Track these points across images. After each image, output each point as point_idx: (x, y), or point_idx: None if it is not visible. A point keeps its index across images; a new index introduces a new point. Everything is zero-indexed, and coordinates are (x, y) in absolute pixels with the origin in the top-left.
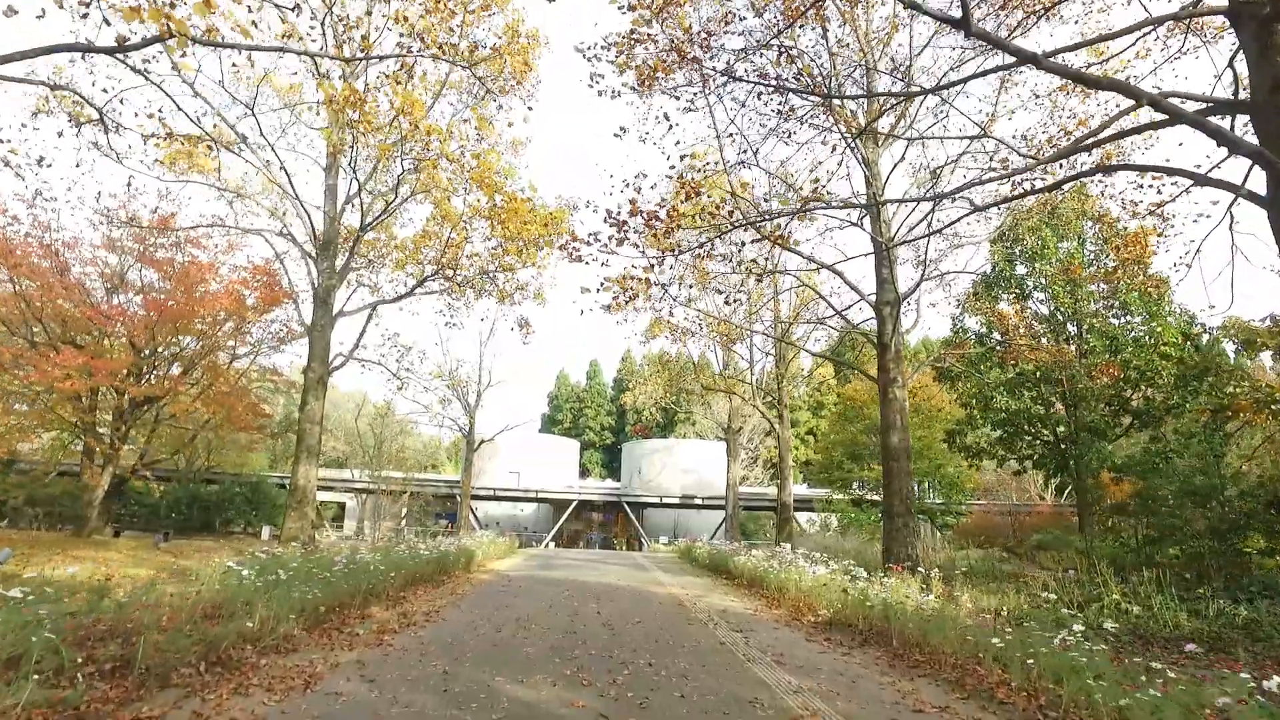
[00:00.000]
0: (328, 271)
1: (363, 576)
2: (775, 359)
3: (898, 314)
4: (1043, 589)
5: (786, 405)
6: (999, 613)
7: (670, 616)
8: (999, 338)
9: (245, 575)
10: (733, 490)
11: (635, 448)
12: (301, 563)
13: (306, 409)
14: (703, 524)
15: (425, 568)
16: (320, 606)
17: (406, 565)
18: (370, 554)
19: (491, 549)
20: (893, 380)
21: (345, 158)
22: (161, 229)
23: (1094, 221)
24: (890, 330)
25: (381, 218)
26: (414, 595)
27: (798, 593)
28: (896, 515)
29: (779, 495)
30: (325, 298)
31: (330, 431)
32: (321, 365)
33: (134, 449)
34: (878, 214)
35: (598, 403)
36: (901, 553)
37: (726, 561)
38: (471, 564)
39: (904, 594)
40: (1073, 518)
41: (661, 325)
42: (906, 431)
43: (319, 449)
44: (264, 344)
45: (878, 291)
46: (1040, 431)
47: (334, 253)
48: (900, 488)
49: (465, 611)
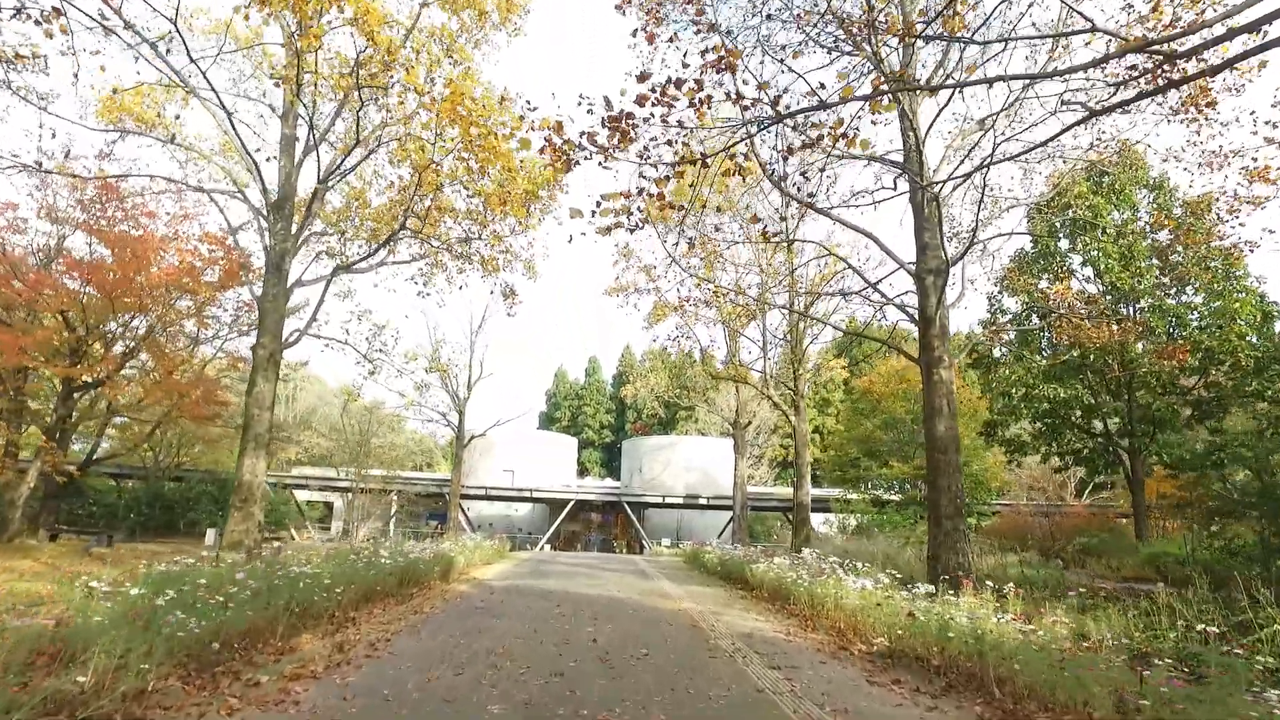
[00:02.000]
0: (281, 234)
1: (289, 595)
2: (791, 344)
3: (944, 283)
4: (1142, 610)
5: (803, 395)
6: (1133, 648)
7: (685, 645)
8: (1037, 320)
9: (106, 598)
10: (740, 489)
11: (636, 445)
12: (214, 576)
13: (255, 392)
14: (707, 525)
15: (385, 579)
16: (213, 641)
17: (359, 578)
18: (320, 564)
19: (477, 553)
20: (938, 359)
21: (302, 105)
22: (100, 186)
23: (1150, 190)
24: (935, 302)
25: (342, 170)
26: (367, 616)
27: (838, 612)
28: (945, 517)
29: (795, 495)
30: (278, 263)
31: (314, 428)
32: (273, 341)
33: (86, 443)
34: (920, 167)
35: (597, 400)
36: (952, 560)
37: (742, 569)
38: (451, 572)
39: (988, 618)
40: (1115, 519)
41: (666, 308)
42: (955, 419)
43: (268, 439)
44: (229, 327)
45: (918, 259)
46: (1089, 423)
47: (289, 213)
48: (949, 484)
49: (424, 640)
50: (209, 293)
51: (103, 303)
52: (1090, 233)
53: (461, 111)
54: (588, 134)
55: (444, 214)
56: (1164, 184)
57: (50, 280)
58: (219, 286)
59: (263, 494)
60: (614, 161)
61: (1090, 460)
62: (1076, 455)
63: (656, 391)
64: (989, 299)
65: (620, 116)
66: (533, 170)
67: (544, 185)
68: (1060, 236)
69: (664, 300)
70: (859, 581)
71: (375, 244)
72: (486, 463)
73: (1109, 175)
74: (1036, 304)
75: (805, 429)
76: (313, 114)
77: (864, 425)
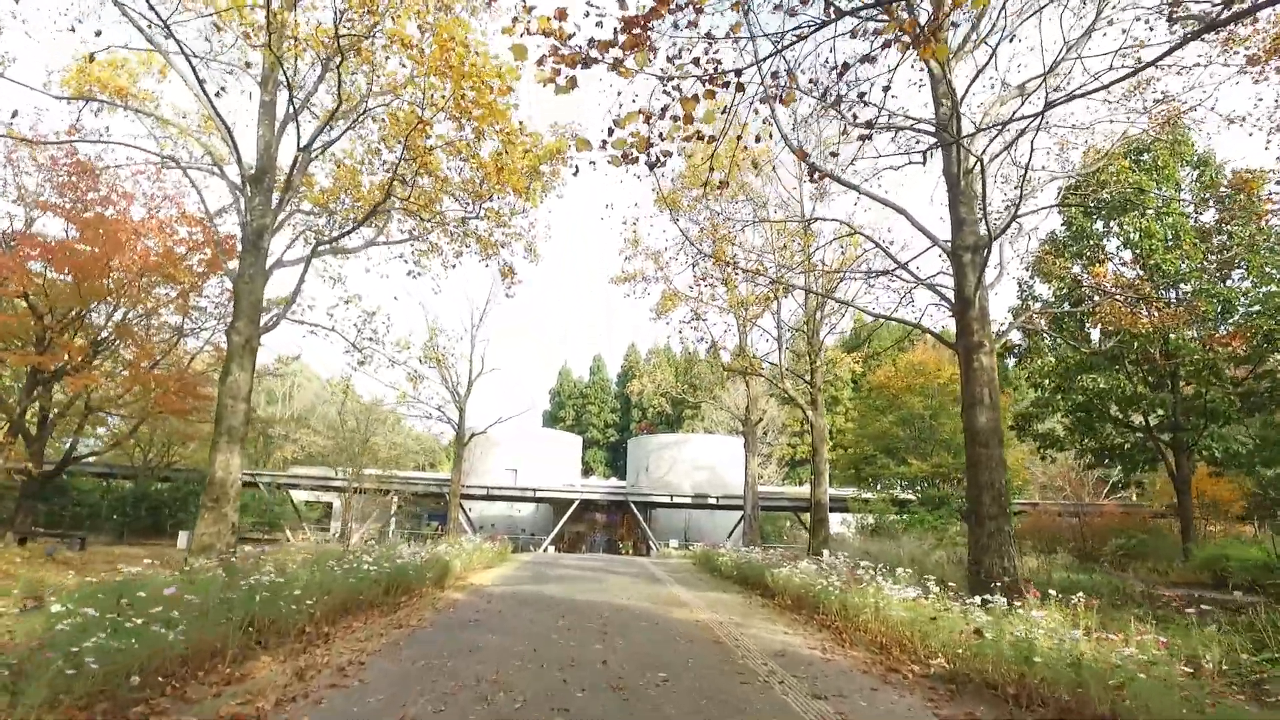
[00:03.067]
0: (260, 208)
1: (246, 610)
2: (808, 335)
3: (984, 261)
4: (1239, 625)
5: (820, 389)
6: (1247, 675)
7: (710, 667)
8: (1071, 306)
9: None
10: (751, 488)
11: (642, 443)
12: (156, 587)
13: (229, 381)
14: (716, 526)
15: (369, 588)
16: (131, 674)
17: (337, 586)
18: (296, 570)
19: (476, 556)
20: (977, 345)
21: (282, 69)
22: (72, 167)
23: (1194, 167)
24: (973, 282)
25: (327, 135)
26: (344, 631)
27: (879, 625)
28: (988, 517)
29: (813, 493)
30: (256, 240)
31: (311, 427)
32: (250, 325)
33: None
34: (958, 133)
35: (601, 399)
36: (997, 565)
37: (762, 574)
38: (446, 578)
39: (1067, 637)
40: (1152, 519)
41: (676, 297)
42: (997, 409)
43: (244, 432)
44: (218, 319)
45: (954, 234)
46: (1127, 416)
47: (269, 186)
48: (992, 480)
49: (405, 662)
50: (191, 279)
51: (70, 288)
52: (1130, 212)
53: (452, 61)
54: (598, 43)
55: (436, 183)
56: (1210, 160)
57: (12, 263)
58: (203, 274)
59: (237, 492)
60: (628, 81)
61: (1128, 456)
62: (1111, 451)
63: (663, 388)
64: (1019, 285)
65: (638, 19)
66: (535, 142)
67: (546, 158)
68: (1096, 217)
69: (673, 289)
70: (902, 589)
71: (362, 217)
72: (489, 462)
73: (1150, 152)
74: (1072, 288)
75: (823, 424)
76: (292, 78)
77: (880, 421)
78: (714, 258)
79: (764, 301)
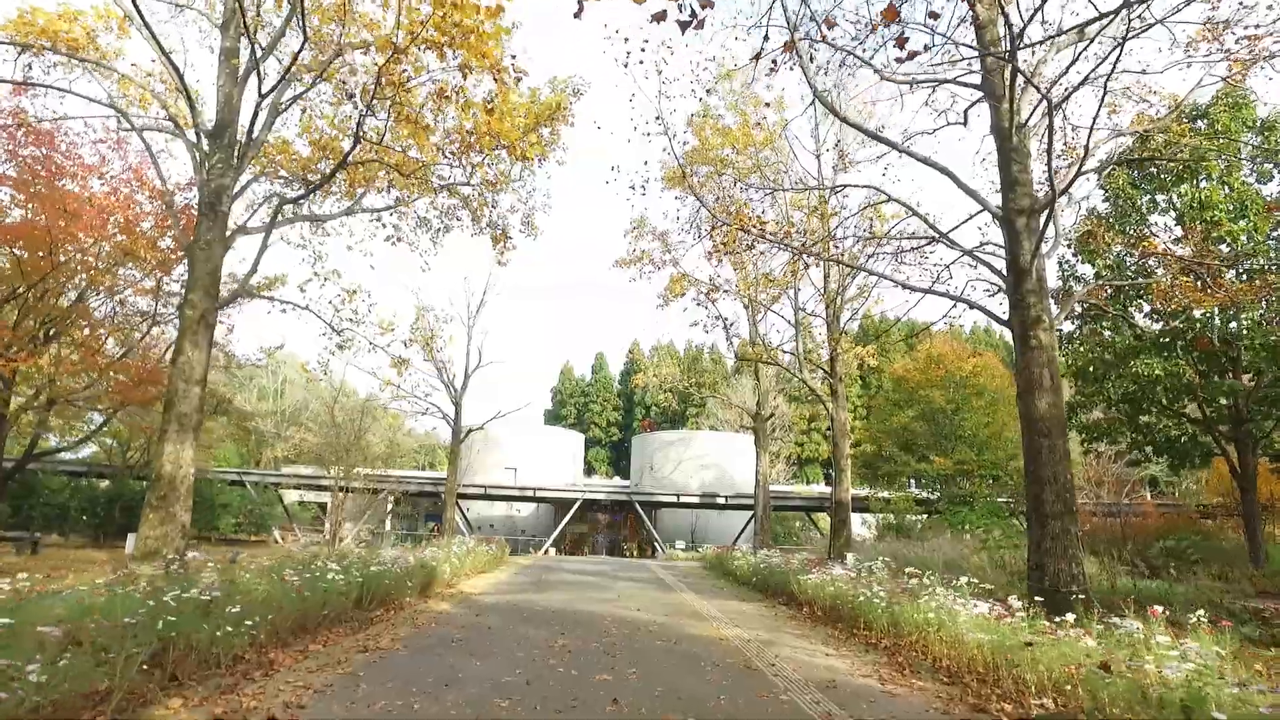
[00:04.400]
0: (220, 167)
1: (153, 637)
2: (828, 320)
3: (1045, 225)
4: None
5: (841, 379)
6: None
7: (747, 706)
8: (1133, 279)
9: None
10: (763, 487)
11: (646, 440)
12: (36, 606)
13: (181, 361)
14: (724, 526)
15: (335, 601)
16: None
17: (290, 601)
18: (249, 581)
19: (469, 561)
20: (1035, 320)
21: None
22: (11, 114)
23: (1259, 133)
24: (1029, 249)
25: (297, 86)
26: (295, 657)
27: (948, 648)
28: (1051, 516)
29: (834, 492)
30: (215, 201)
31: (303, 424)
32: (206, 298)
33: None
34: (1012, 80)
35: (604, 397)
36: (1062, 571)
37: (786, 580)
38: (432, 585)
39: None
40: (1201, 520)
41: (684, 281)
42: (1059, 393)
43: (198, 421)
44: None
45: (1005, 197)
46: (1180, 406)
47: (230, 142)
48: (1055, 474)
49: (356, 704)
50: (157, 258)
51: (13, 263)
52: (1189, 181)
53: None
54: None
55: (416, 132)
56: (1276, 125)
57: None
58: (172, 252)
59: (188, 489)
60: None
61: (1181, 451)
62: (1158, 445)
63: (668, 382)
64: (1060, 264)
65: None
66: (533, 97)
67: (545, 116)
68: (1144, 188)
69: (681, 272)
70: (967, 603)
71: (330, 170)
72: (487, 460)
73: (1206, 118)
74: (1118, 266)
75: (844, 417)
76: (254, 19)
77: (898, 416)
78: (734, 222)
79: (781, 284)
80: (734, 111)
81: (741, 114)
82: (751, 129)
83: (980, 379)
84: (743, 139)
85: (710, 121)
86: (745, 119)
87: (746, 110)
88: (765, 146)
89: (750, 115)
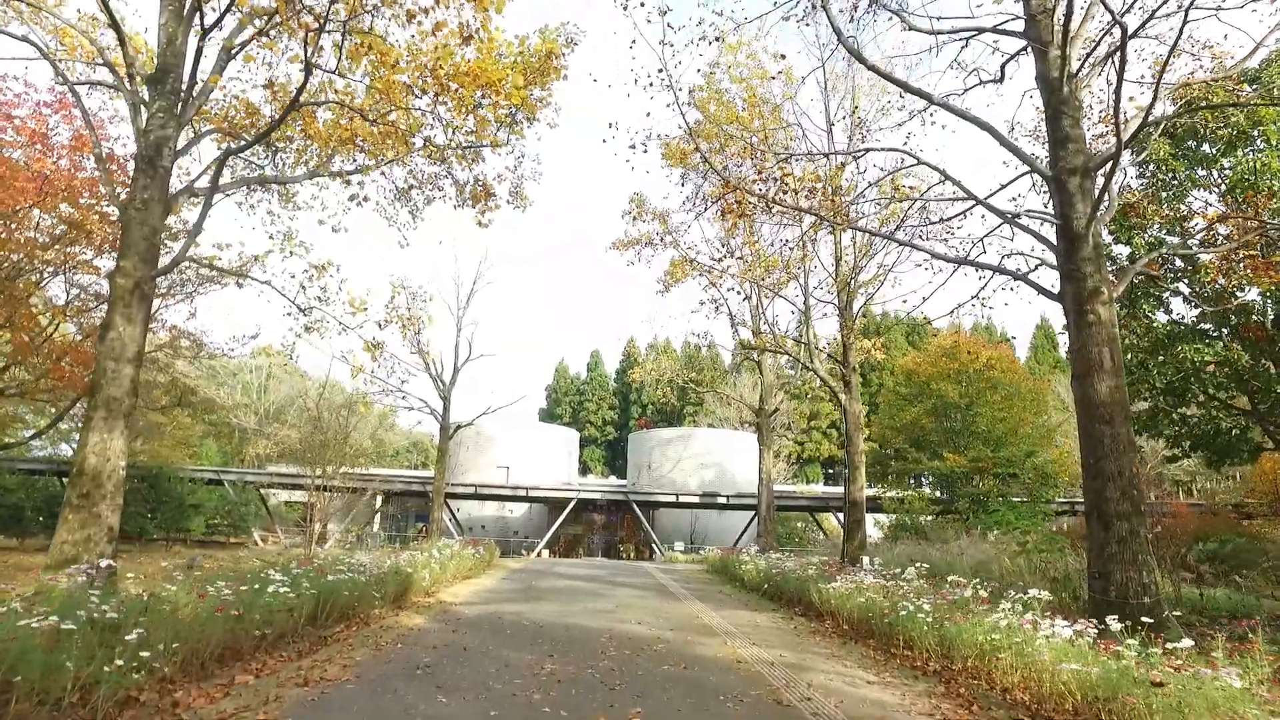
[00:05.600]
0: (161, 118)
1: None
2: (840, 306)
3: (1107, 182)
4: None
5: (855, 368)
6: None
7: None
8: (1196, 249)
9: None
10: (767, 486)
11: (643, 438)
12: None
13: (110, 336)
14: (724, 527)
15: (279, 619)
16: None
17: (213, 624)
18: (172, 594)
19: (452, 565)
20: (1093, 292)
21: None
22: None
23: None
24: (1084, 212)
25: (253, 27)
26: (216, 691)
27: (1021, 677)
28: (1117, 516)
29: (847, 490)
30: (154, 156)
31: (288, 422)
32: (142, 265)
33: None
34: (1065, 26)
35: (599, 395)
36: (1131, 580)
37: (804, 589)
38: (407, 594)
39: None
40: (1240, 521)
41: (685, 264)
42: (1122, 375)
43: (130, 406)
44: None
45: (1054, 155)
46: (1230, 395)
47: (174, 88)
48: (1120, 469)
49: None
50: (106, 230)
51: None
52: (1243, 147)
53: None
54: None
55: (384, 66)
56: None
57: None
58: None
59: (117, 486)
60: None
61: (1225, 445)
62: (1196, 439)
63: (667, 376)
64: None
65: None
66: (521, 45)
67: (535, 69)
68: (1188, 159)
69: (683, 255)
70: (1046, 622)
71: (282, 112)
72: (478, 458)
73: (1258, 82)
74: (1154, 246)
75: (858, 409)
76: None
77: (909, 411)
78: (754, 176)
79: (790, 266)
80: (740, 84)
81: (749, 88)
82: (758, 103)
83: (995, 372)
84: (750, 111)
85: (715, 95)
86: (752, 93)
87: (754, 84)
88: (772, 122)
89: (757, 90)
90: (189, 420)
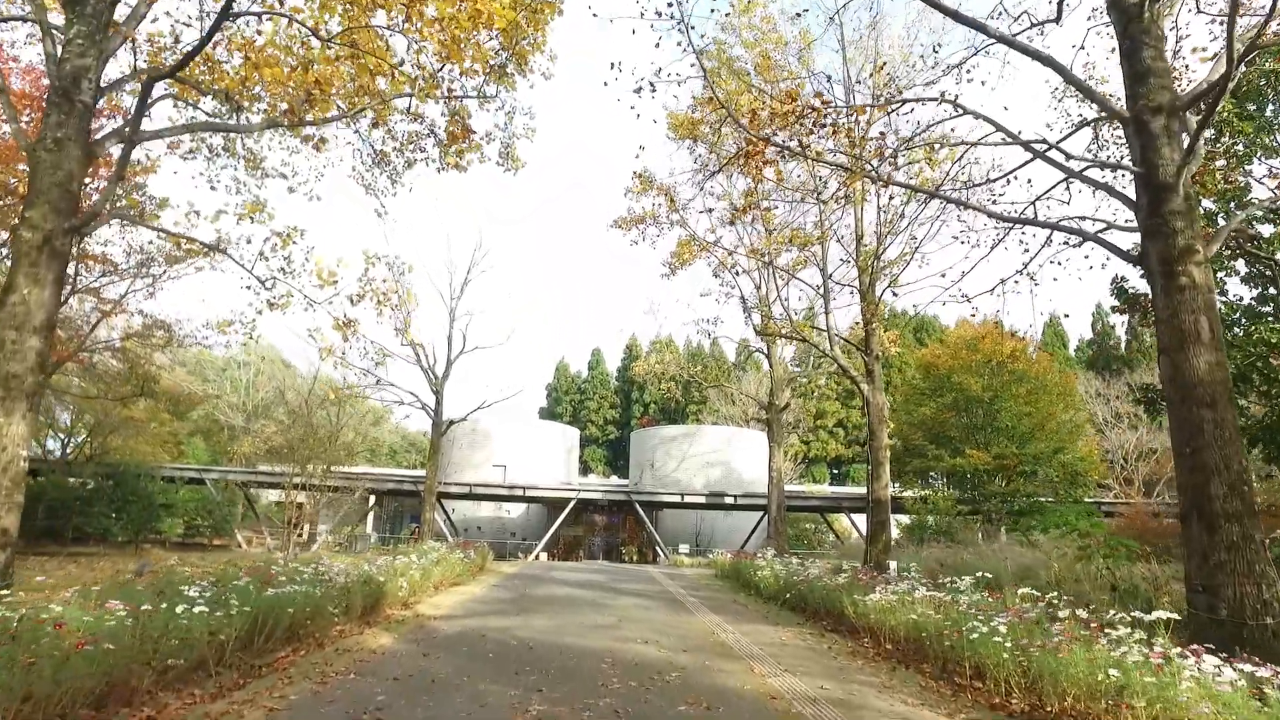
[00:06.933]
0: (80, 45)
1: None
2: (861, 289)
3: (1206, 121)
4: None
5: (878, 356)
6: None
7: None
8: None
9: None
10: (777, 485)
11: (646, 436)
12: None
13: (11, 300)
14: (731, 528)
15: (196, 644)
16: None
17: (79, 660)
18: (70, 611)
19: (436, 572)
20: (1184, 251)
21: None
22: None
23: None
24: (1172, 159)
25: None
26: None
27: None
28: (1224, 517)
29: (871, 488)
30: (69, 88)
31: (274, 419)
32: (53, 215)
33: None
34: None
35: (601, 394)
36: (1249, 596)
37: (835, 600)
38: (380, 606)
39: None
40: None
41: (693, 245)
42: (1222, 350)
43: (35, 385)
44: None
45: (1133, 93)
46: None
47: (96, 10)
48: (1225, 461)
49: None
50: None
51: None
52: None
53: None
54: None
55: None
56: None
57: None
58: None
59: (17, 480)
60: None
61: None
62: (1255, 433)
63: (671, 371)
64: None
65: None
66: None
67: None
68: (1259, 118)
69: (690, 234)
70: (1194, 662)
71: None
72: (474, 456)
73: None
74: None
75: (882, 400)
76: None
77: (928, 406)
78: (785, 100)
79: (807, 244)
80: (752, 50)
81: (762, 54)
82: (772, 67)
83: (1020, 364)
84: (763, 76)
85: (726, 62)
86: (766, 58)
87: (767, 49)
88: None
89: (772, 55)
90: (168, 417)
